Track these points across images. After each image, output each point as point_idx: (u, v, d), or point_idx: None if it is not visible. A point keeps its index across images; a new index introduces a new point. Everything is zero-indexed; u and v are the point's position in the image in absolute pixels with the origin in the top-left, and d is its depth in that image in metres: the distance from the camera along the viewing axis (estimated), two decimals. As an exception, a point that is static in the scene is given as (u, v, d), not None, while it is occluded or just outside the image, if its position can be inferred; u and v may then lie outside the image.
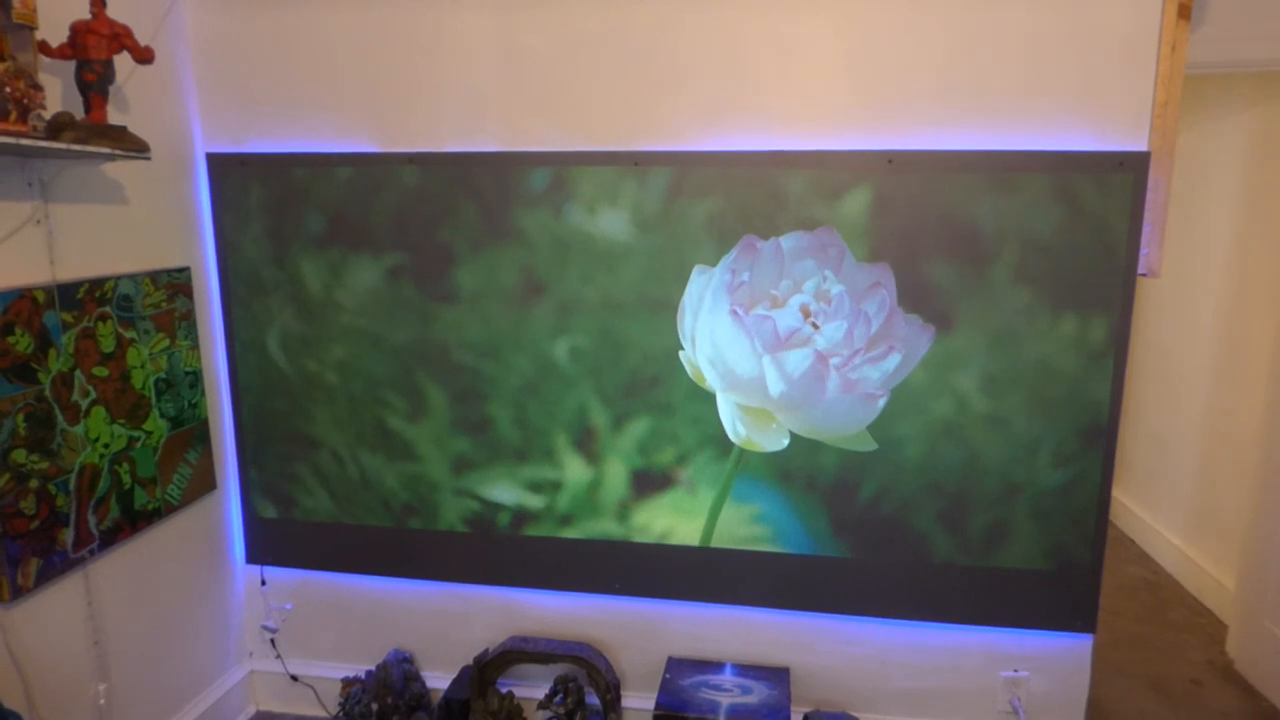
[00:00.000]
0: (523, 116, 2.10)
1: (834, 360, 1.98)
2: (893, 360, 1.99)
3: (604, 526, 2.22)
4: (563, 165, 2.06)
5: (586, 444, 2.18)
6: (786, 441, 2.08)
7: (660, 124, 2.05)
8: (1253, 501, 2.75)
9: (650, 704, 2.16)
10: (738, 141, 2.02)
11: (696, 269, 2.04)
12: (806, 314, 1.97)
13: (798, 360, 1.98)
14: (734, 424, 2.08)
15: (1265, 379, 2.78)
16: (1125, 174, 1.88)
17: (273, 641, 2.52)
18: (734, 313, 2.00)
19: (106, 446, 1.93)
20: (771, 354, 1.99)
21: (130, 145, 1.76)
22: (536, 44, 2.06)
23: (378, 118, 2.16)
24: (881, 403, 2.02)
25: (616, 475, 2.18)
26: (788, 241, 1.99)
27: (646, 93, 2.04)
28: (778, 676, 2.22)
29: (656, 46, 2.02)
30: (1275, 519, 2.60)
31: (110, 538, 1.95)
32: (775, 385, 2.01)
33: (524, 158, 2.08)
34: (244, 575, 2.49)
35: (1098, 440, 1.99)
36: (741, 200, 2.00)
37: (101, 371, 1.91)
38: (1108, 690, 2.65)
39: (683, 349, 2.08)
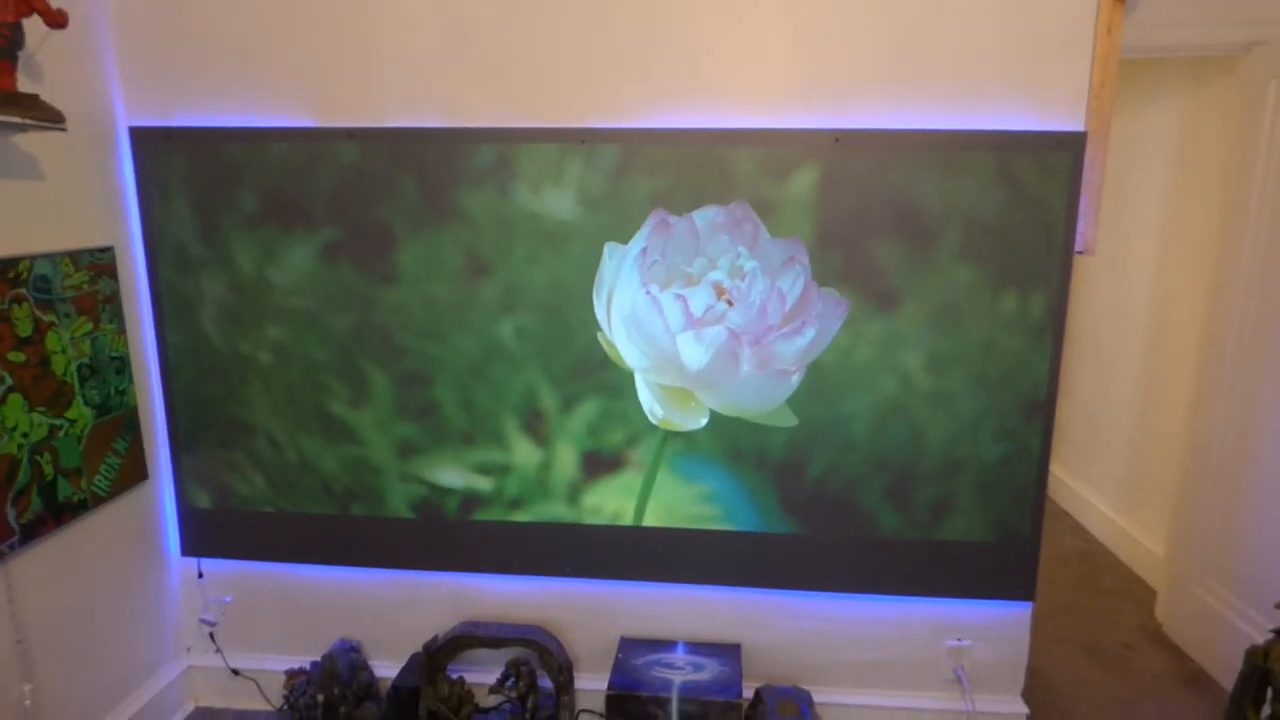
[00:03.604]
0: (466, 91, 2.04)
1: (747, 337, 1.98)
2: (806, 335, 1.99)
3: (554, 509, 2.20)
4: (507, 142, 2.01)
5: (535, 426, 2.15)
6: (705, 420, 2.08)
7: (607, 100, 2.01)
8: (1180, 473, 2.86)
9: (603, 684, 2.16)
10: (686, 119, 1.99)
11: (608, 246, 2.02)
12: (720, 292, 1.97)
13: (711, 339, 1.98)
14: (651, 404, 2.07)
15: (1193, 354, 2.89)
16: (1063, 154, 1.92)
17: (212, 635, 2.43)
18: (647, 292, 1.98)
19: (25, 436, 1.82)
20: (684, 333, 1.98)
21: (43, 115, 1.66)
22: (480, 15, 2.00)
23: (314, 91, 2.07)
24: (795, 379, 2.03)
25: (566, 457, 2.16)
26: (701, 218, 1.98)
27: (593, 68, 2.00)
28: (729, 653, 2.23)
29: (603, 20, 1.98)
30: (1202, 489, 2.72)
31: (32, 531, 1.85)
32: (690, 364, 2.00)
33: (467, 134, 2.02)
34: (179, 568, 2.40)
35: (1037, 415, 2.05)
36: (690, 179, 1.98)
37: (18, 356, 1.80)
38: (1045, 656, 2.74)
39: (600, 329, 2.06)
